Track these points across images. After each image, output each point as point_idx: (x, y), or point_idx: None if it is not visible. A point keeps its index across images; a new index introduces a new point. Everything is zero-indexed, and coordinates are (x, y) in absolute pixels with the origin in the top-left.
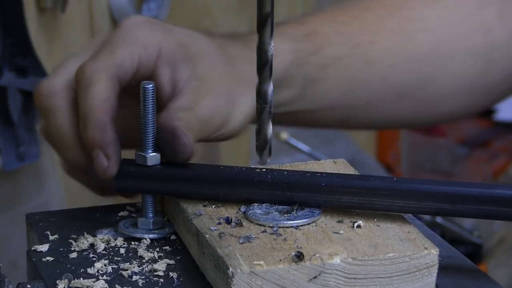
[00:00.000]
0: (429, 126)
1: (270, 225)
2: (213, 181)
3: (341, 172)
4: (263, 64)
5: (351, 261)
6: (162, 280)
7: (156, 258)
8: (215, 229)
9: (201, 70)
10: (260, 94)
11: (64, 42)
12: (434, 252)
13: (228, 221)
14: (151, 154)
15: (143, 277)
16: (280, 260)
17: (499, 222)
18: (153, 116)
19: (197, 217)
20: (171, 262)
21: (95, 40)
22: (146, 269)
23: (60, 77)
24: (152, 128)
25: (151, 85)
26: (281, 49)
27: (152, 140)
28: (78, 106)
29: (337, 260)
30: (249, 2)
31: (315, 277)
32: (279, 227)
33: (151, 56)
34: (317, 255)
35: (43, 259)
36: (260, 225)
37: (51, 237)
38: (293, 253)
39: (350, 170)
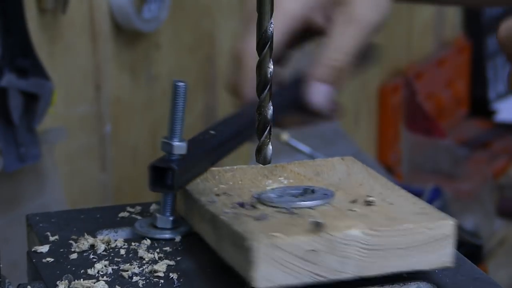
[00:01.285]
0: None
1: (284, 206)
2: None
3: (349, 169)
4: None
5: (369, 231)
6: (162, 281)
7: (157, 259)
8: (230, 211)
9: None
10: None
11: (65, 43)
12: (451, 222)
13: (241, 205)
14: (177, 143)
15: (143, 278)
16: (299, 232)
17: (500, 223)
18: (183, 111)
19: (211, 204)
20: (172, 263)
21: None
22: (147, 270)
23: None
24: (180, 123)
25: (182, 83)
26: None
27: (180, 132)
28: None
29: (355, 231)
30: None
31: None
32: (293, 208)
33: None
34: (336, 227)
35: (44, 260)
36: (274, 207)
37: (51, 238)
38: (311, 221)
39: (359, 166)
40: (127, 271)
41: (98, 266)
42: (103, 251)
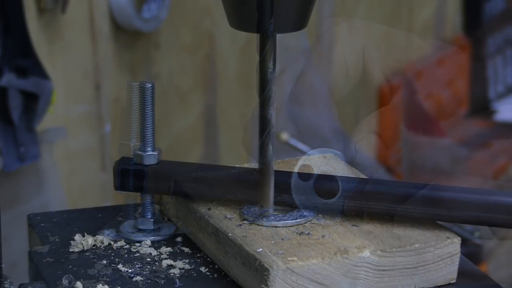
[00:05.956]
0: None
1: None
2: (218, 183)
3: (331, 165)
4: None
5: (380, 253)
6: (162, 281)
7: (157, 259)
8: (237, 227)
9: None
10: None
11: (65, 42)
12: (457, 241)
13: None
14: (150, 153)
15: (144, 278)
16: (312, 255)
17: None
18: (152, 114)
19: (211, 217)
20: (172, 263)
21: None
22: (147, 270)
23: None
24: (152, 127)
25: (150, 84)
26: None
27: (151, 139)
28: None
29: (366, 253)
30: None
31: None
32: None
33: None
34: (347, 248)
35: (44, 260)
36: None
37: (52, 238)
38: (337, 248)
39: (341, 164)
40: (128, 271)
41: (99, 266)
42: (103, 251)
